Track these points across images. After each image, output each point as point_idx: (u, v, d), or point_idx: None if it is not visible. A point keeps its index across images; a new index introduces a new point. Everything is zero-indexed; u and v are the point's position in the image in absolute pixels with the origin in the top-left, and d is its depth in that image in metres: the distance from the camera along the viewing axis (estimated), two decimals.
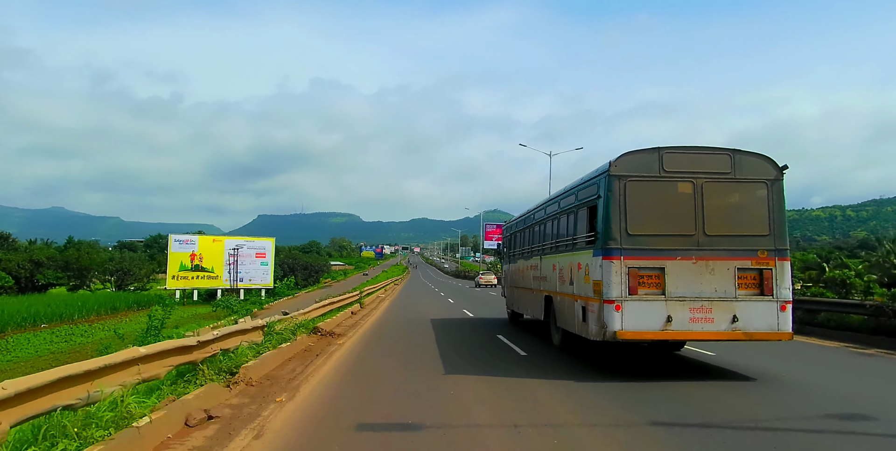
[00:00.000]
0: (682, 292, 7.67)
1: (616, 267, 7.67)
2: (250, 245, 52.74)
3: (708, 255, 7.76)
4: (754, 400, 6.71)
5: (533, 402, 6.52)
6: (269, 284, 51.80)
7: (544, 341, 11.57)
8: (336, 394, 7.07)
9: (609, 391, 7.13)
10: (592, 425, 5.59)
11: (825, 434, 5.21)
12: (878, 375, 8.78)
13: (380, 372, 8.58)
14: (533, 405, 6.35)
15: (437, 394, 6.93)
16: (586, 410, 6.20)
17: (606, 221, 7.82)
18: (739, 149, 8.08)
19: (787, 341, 7.81)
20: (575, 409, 6.24)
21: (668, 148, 7.96)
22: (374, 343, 11.93)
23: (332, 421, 5.71)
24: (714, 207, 7.87)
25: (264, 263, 52.63)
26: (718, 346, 10.53)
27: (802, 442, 4.99)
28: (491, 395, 6.89)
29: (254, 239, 54.86)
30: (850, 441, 5.07)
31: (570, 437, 5.11)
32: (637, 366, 9.03)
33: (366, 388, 7.38)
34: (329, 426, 5.49)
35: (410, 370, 8.66)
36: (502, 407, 6.25)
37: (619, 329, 7.57)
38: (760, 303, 7.74)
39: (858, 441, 5.07)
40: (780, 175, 8.02)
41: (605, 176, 7.94)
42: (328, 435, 5.16)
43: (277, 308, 27.21)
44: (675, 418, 5.79)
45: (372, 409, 6.21)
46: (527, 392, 7.02)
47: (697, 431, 5.33)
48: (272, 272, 53.16)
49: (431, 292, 41.84)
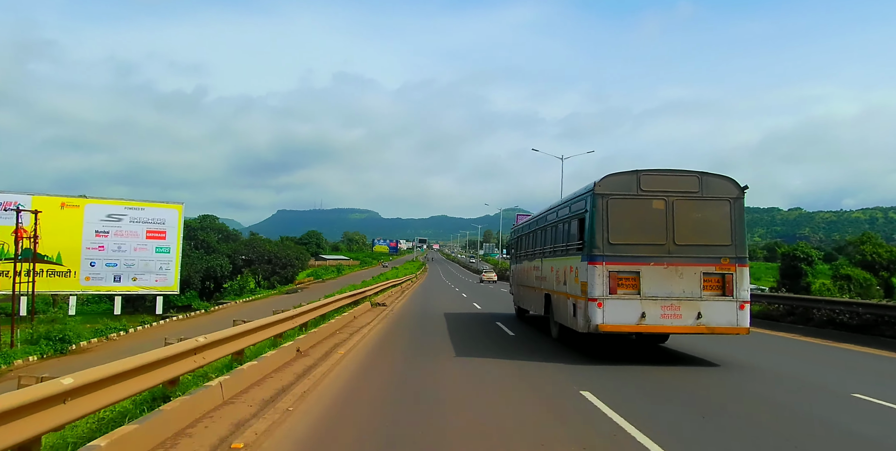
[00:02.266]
0: (655, 293, 9.38)
1: (599, 271, 9.41)
2: (137, 215, 32.57)
3: (677, 261, 9.45)
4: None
5: (517, 371, 8.33)
6: (170, 287, 34.02)
7: (545, 334, 13.32)
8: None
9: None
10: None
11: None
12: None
13: None
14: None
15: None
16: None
17: (591, 232, 9.58)
18: (706, 172, 9.75)
19: (746, 334, 9.46)
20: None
21: (645, 171, 9.68)
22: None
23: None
24: (683, 221, 9.55)
25: (163, 248, 33.40)
26: (700, 341, 12.17)
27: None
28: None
29: (144, 205, 33.75)
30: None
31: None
32: (619, 354, 10.74)
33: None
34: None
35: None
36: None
37: (600, 323, 9.33)
38: (722, 302, 9.41)
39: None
40: (742, 194, 9.66)
41: (590, 194, 9.70)
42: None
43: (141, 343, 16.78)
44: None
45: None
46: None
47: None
48: (176, 266, 34.33)
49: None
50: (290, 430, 5.40)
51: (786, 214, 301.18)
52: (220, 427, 5.14)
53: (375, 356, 10.32)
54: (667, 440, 5.12)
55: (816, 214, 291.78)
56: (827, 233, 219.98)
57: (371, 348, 11.37)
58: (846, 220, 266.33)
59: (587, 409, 6.43)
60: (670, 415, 6.28)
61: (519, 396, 7.23)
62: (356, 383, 7.87)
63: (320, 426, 5.64)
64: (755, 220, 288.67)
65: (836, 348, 12.38)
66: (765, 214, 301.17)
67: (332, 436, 5.31)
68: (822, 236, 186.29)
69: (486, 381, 8.14)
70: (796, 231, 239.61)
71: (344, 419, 5.94)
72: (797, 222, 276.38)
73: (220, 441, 4.81)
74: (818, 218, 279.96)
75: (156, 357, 5.41)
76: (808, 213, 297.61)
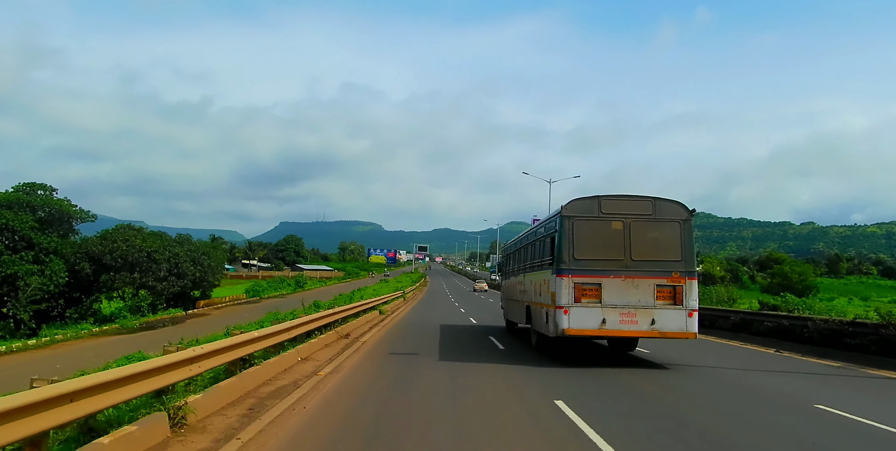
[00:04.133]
0: (614, 302, 11.04)
1: (565, 282, 11.10)
2: None
3: (634, 274, 11.11)
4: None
5: (494, 372, 9.98)
6: None
7: (527, 343, 14.93)
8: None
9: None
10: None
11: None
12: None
13: None
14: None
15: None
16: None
17: (559, 249, 11.29)
18: (659, 197, 11.47)
19: (693, 339, 11.10)
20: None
21: (605, 196, 11.42)
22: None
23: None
24: (639, 240, 11.24)
25: None
26: (664, 346, 13.78)
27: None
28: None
29: None
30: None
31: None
32: (586, 359, 12.36)
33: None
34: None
35: None
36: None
37: (566, 327, 10.99)
38: (673, 310, 11.05)
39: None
40: (690, 216, 11.37)
41: (559, 216, 11.44)
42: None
43: None
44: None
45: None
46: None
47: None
48: None
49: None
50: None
51: (798, 229, 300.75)
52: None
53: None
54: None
55: (830, 228, 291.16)
56: (842, 248, 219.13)
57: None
58: (861, 234, 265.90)
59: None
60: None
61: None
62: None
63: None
64: (766, 234, 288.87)
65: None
66: (776, 228, 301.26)
67: None
68: (836, 251, 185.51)
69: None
70: (810, 246, 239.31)
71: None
72: (810, 237, 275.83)
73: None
74: (832, 232, 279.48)
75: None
76: (822, 227, 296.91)
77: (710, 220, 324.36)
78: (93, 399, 4.94)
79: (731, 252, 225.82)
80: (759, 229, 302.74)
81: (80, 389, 4.71)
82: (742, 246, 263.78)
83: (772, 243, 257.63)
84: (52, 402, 4.40)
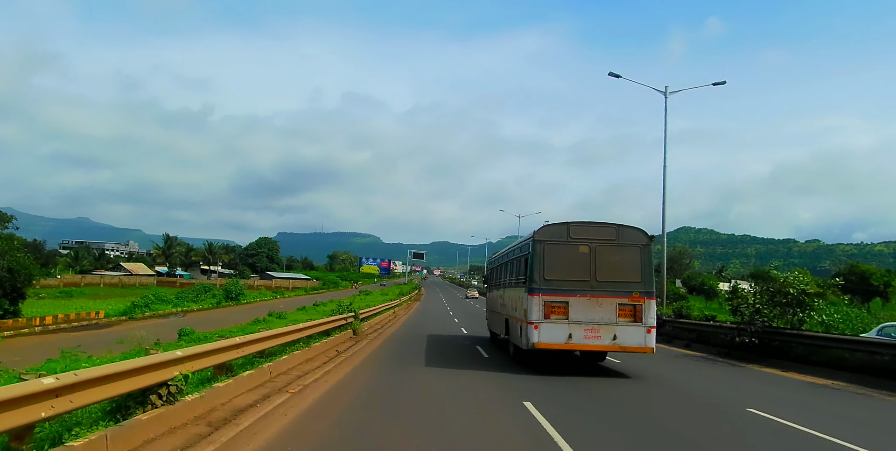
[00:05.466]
0: (580, 318, 12.40)
1: (536, 300, 12.47)
2: None
3: (598, 294, 12.48)
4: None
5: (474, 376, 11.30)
6: None
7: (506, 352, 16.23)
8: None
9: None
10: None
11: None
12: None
13: None
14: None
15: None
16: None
17: (531, 270, 12.68)
18: (622, 224, 12.89)
19: (650, 353, 12.42)
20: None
21: (573, 222, 12.85)
22: None
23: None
24: (603, 263, 12.63)
25: None
26: (632, 359, 15.08)
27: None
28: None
29: None
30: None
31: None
32: (558, 368, 13.65)
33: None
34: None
35: None
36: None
37: (536, 341, 12.34)
38: (633, 327, 12.40)
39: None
40: (650, 242, 12.77)
41: (532, 240, 12.85)
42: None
43: None
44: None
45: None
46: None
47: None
48: None
49: None
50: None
51: (803, 246, 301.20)
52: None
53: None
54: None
55: (836, 246, 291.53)
56: (849, 267, 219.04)
57: None
58: (869, 253, 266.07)
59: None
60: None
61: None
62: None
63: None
64: (770, 251, 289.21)
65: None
66: (780, 246, 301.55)
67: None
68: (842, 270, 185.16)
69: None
70: (816, 264, 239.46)
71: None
72: (815, 255, 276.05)
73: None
74: (838, 250, 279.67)
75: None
76: (827, 245, 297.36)
77: (713, 236, 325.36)
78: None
79: (735, 269, 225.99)
80: (763, 247, 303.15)
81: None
82: (746, 263, 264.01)
83: (776, 261, 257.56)
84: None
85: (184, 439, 6.09)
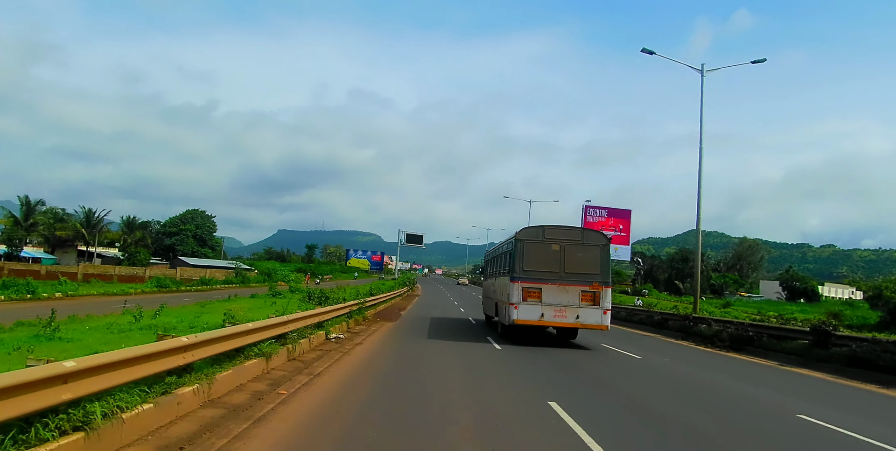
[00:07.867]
0: (550, 301, 16.17)
1: (516, 286, 16.26)
2: None
3: (566, 283, 16.26)
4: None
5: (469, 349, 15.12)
6: None
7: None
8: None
9: (503, 349, 15.58)
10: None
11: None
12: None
13: None
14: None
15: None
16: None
17: (513, 263, 16.48)
18: (586, 228, 16.62)
19: (606, 330, 16.17)
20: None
21: (547, 226, 16.67)
22: None
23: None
24: (570, 258, 16.39)
25: None
26: (598, 337, 18.80)
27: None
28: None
29: None
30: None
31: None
32: (536, 342, 17.37)
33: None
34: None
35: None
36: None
37: (516, 318, 16.17)
38: (592, 309, 16.18)
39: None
40: (608, 242, 16.58)
41: (514, 239, 16.63)
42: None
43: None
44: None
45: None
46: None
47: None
48: None
49: None
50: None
51: (818, 251, 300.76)
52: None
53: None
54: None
55: (853, 251, 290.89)
56: (867, 273, 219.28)
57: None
58: (889, 259, 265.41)
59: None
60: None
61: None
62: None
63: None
64: (784, 256, 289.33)
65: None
66: (794, 250, 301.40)
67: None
68: (861, 276, 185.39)
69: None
70: (832, 270, 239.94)
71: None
72: (831, 260, 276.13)
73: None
74: (856, 256, 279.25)
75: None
76: (844, 250, 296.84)
77: (724, 240, 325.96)
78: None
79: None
80: (777, 251, 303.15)
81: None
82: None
83: (790, 265, 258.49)
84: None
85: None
